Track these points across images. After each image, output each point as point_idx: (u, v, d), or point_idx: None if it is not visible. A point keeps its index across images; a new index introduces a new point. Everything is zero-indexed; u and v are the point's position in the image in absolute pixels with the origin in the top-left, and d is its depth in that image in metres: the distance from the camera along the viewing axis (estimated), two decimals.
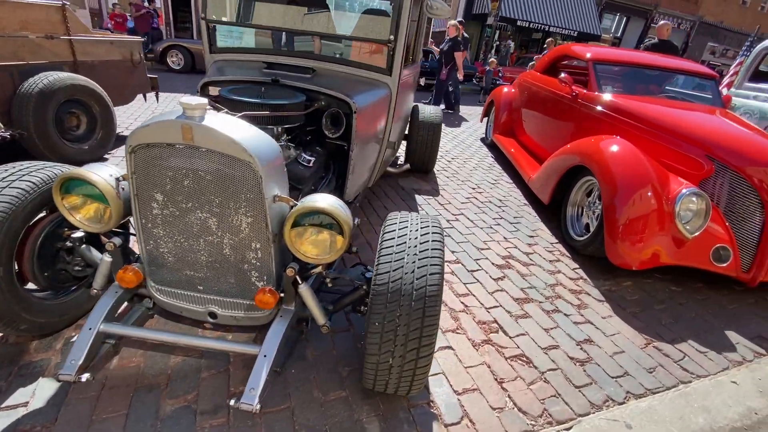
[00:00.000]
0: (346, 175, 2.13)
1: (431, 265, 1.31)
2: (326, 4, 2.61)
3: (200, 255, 1.49)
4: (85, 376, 1.36)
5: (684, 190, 2.36)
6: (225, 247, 1.46)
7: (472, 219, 3.27)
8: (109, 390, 1.49)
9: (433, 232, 1.42)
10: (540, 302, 2.29)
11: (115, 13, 11.09)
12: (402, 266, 1.30)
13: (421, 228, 1.43)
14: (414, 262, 1.31)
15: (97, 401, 1.44)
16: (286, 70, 2.16)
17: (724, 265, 2.39)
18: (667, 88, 3.81)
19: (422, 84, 10.62)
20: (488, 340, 1.95)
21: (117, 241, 1.53)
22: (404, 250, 1.34)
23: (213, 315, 1.56)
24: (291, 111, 1.76)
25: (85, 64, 3.51)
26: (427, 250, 1.35)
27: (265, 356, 1.37)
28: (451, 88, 7.92)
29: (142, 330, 1.47)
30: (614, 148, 2.64)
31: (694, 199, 2.36)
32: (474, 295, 2.28)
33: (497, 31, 18.23)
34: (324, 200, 1.37)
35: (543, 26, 16.65)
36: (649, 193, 2.39)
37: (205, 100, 1.27)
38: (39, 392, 1.44)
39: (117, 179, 1.41)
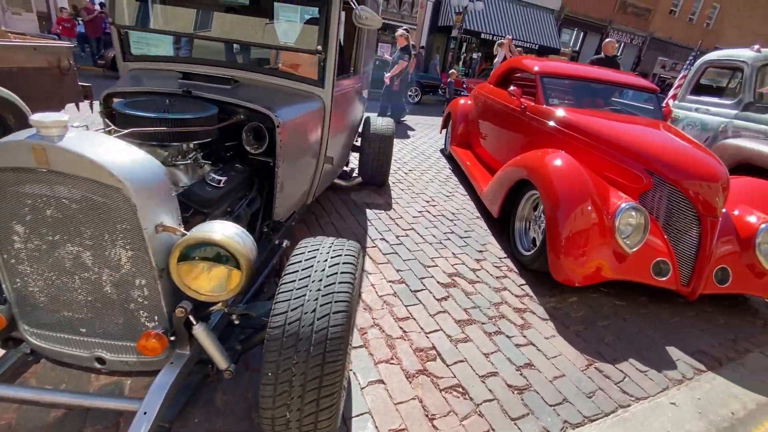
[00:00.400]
0: (273, 193, 1.96)
1: (336, 302, 1.17)
2: (257, 11, 2.46)
3: (77, 294, 1.29)
4: None
5: (623, 205, 2.34)
6: (105, 284, 1.27)
7: (423, 234, 3.17)
8: None
9: (344, 262, 1.28)
10: (483, 323, 2.19)
11: (62, 17, 10.48)
12: (302, 304, 1.15)
13: (331, 258, 1.29)
14: (317, 299, 1.16)
15: None
16: (204, 80, 1.98)
17: (665, 278, 2.39)
18: (612, 101, 3.89)
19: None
20: (424, 370, 1.82)
21: None
22: (307, 285, 1.19)
23: (101, 360, 1.35)
24: (196, 126, 1.59)
25: (1, 72, 3.19)
26: (334, 284, 1.20)
27: (145, 413, 1.17)
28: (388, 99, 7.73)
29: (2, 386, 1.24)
30: (556, 162, 2.62)
31: (633, 213, 2.35)
32: (415, 319, 2.15)
33: (464, 44, 18.63)
34: (220, 229, 1.21)
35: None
36: (590, 208, 2.36)
37: (63, 117, 1.09)
38: None
39: None
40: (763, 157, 3.63)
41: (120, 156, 1.13)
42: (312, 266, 1.25)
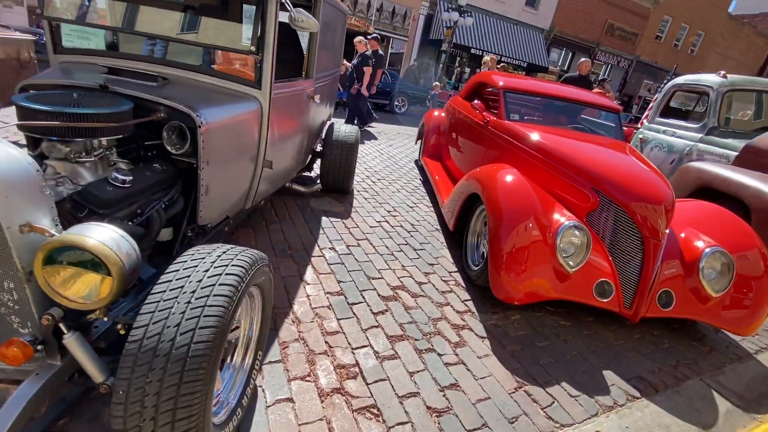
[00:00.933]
0: (197, 196, 1.88)
1: (205, 316, 1.08)
2: (205, 9, 2.40)
3: None
4: None
5: (566, 223, 2.30)
6: None
7: (375, 245, 3.09)
8: None
9: (228, 273, 1.20)
10: (416, 340, 2.11)
11: None
12: (167, 317, 1.06)
13: (215, 268, 1.20)
14: (183, 312, 1.07)
15: None
16: (130, 76, 1.90)
17: (607, 300, 2.34)
18: (575, 119, 3.89)
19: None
20: (340, 389, 1.73)
21: None
22: (176, 297, 1.10)
23: None
24: (101, 121, 1.50)
25: None
26: (207, 297, 1.11)
27: None
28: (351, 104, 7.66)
29: None
30: (504, 177, 2.58)
31: (575, 232, 2.31)
32: (344, 333, 2.07)
33: (457, 58, 18.86)
34: (95, 232, 1.12)
35: (495, 55, 17.41)
36: (531, 224, 2.32)
37: None
38: None
39: None
40: (721, 180, 3.65)
41: None
42: (189, 276, 1.16)
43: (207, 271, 1.19)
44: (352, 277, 2.59)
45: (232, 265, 1.23)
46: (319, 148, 3.81)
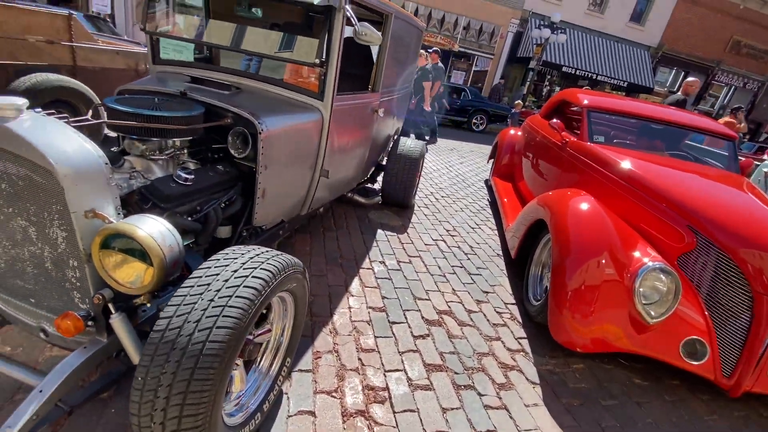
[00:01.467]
0: (253, 199, 1.97)
1: (224, 316, 1.08)
2: (277, 23, 2.57)
3: (27, 265, 1.37)
4: None
5: (649, 264, 1.96)
6: (46, 260, 1.33)
7: (428, 263, 2.97)
8: None
9: (255, 276, 1.20)
10: (456, 373, 1.94)
11: None
12: (189, 312, 1.09)
13: (244, 269, 1.22)
14: (205, 309, 1.09)
15: None
16: (209, 85, 2.08)
17: (699, 363, 1.93)
18: (675, 145, 3.37)
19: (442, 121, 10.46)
20: (364, 412, 1.64)
21: None
22: (202, 293, 1.13)
23: (45, 332, 1.42)
24: (173, 124, 1.65)
25: (86, 70, 3.72)
26: (229, 297, 1.12)
27: (41, 392, 1.18)
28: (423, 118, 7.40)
29: None
30: (577, 204, 2.29)
31: (661, 276, 1.95)
32: (380, 353, 1.98)
33: (547, 76, 17.96)
34: (145, 224, 1.21)
35: (590, 74, 16.18)
36: (605, 261, 2.01)
37: (19, 101, 1.18)
38: None
39: None
40: None
41: (57, 141, 1.18)
42: (218, 274, 1.18)
43: (236, 271, 1.20)
44: (397, 294, 2.50)
45: (261, 269, 1.23)
46: (384, 161, 3.82)
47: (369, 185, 4.20)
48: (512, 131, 5.13)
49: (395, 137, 3.97)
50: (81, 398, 1.35)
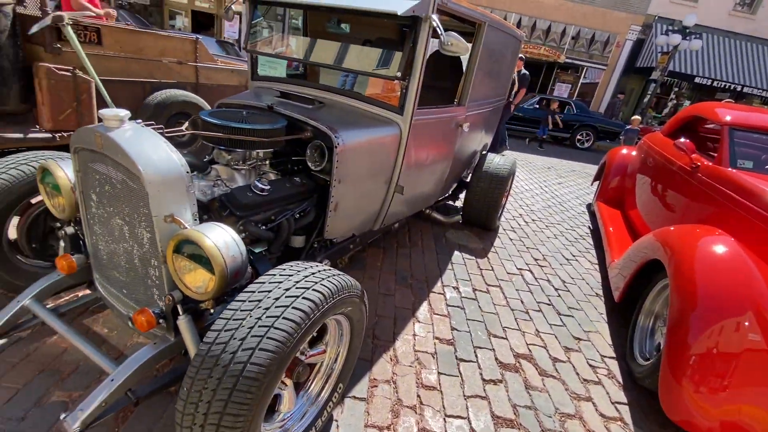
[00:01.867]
0: (326, 211, 1.95)
1: (268, 337, 1.02)
2: (369, 39, 2.56)
3: (121, 259, 1.51)
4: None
5: None
6: (135, 257, 1.45)
7: (509, 296, 2.66)
8: (26, 362, 1.59)
9: (305, 297, 1.13)
10: None
11: None
12: (237, 328, 1.05)
13: (297, 288, 1.15)
14: (252, 327, 1.04)
15: (12, 368, 1.55)
16: (295, 99, 2.14)
17: None
18: None
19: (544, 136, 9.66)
20: None
21: (68, 230, 1.68)
22: (252, 310, 1.09)
23: (131, 320, 1.56)
24: (254, 136, 1.71)
25: (205, 86, 4.24)
26: (277, 318, 1.06)
27: (112, 380, 1.26)
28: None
29: (50, 317, 1.53)
30: (707, 243, 1.81)
31: None
32: (442, 393, 1.78)
33: (673, 89, 15.67)
34: (211, 232, 1.23)
35: (733, 85, 13.58)
36: (749, 323, 1.52)
37: (121, 113, 1.30)
38: None
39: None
40: None
41: (147, 151, 1.27)
42: (270, 291, 1.14)
43: (288, 290, 1.14)
44: (469, 327, 2.26)
45: (313, 290, 1.16)
46: (469, 177, 3.59)
47: (450, 202, 4.00)
48: (624, 150, 4.46)
49: (483, 153, 3.72)
50: (148, 390, 1.43)
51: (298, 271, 1.23)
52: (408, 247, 3.07)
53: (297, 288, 1.15)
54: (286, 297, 1.12)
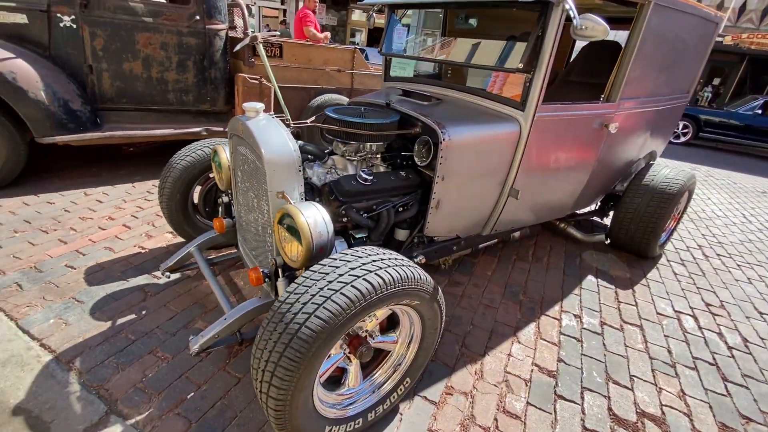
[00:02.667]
0: (427, 208, 1.95)
1: (324, 307, 1.10)
2: (515, 36, 2.36)
3: (251, 226, 1.85)
4: (168, 274, 2.04)
5: None
6: (259, 225, 1.75)
7: (650, 340, 2.11)
8: (187, 294, 2.10)
9: (366, 279, 1.16)
10: None
11: None
12: (304, 292, 1.16)
13: (362, 267, 1.19)
14: (314, 294, 1.14)
15: (177, 297, 2.07)
16: (415, 97, 2.19)
17: None
18: None
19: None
20: None
21: (225, 199, 2.13)
22: (323, 278, 1.18)
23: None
24: (363, 130, 1.82)
25: (358, 91, 4.73)
26: (335, 291, 1.12)
27: (225, 319, 1.57)
28: None
29: (203, 264, 1.98)
30: None
31: None
32: (525, 424, 1.55)
33: None
34: (306, 209, 1.40)
35: None
36: None
37: (258, 105, 1.60)
38: (147, 280, 2.22)
39: None
40: None
41: (271, 138, 1.52)
42: (338, 267, 1.20)
43: (353, 269, 1.19)
44: (582, 363, 1.90)
45: (375, 274, 1.18)
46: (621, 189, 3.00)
47: (596, 218, 3.42)
48: None
49: (647, 161, 3.05)
50: (252, 335, 1.70)
51: (369, 255, 1.27)
52: (528, 262, 2.77)
53: (362, 269, 1.19)
54: (349, 275, 1.17)
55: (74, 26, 3.03)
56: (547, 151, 2.07)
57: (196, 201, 2.39)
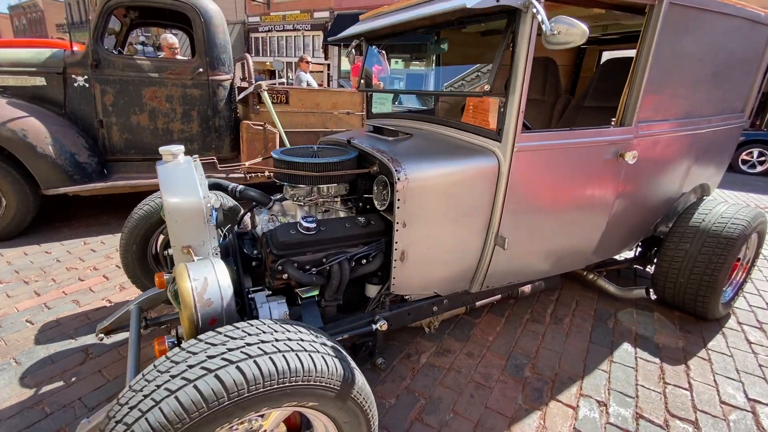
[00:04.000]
0: (390, 261, 1.61)
1: (160, 407, 0.80)
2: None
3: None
4: (101, 336, 1.82)
5: None
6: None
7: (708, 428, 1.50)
8: (125, 358, 1.88)
9: (237, 362, 0.86)
10: None
11: None
12: (140, 389, 0.86)
13: (245, 345, 0.89)
14: (147, 395, 0.84)
15: (114, 363, 1.85)
16: (384, 133, 1.93)
17: None
18: None
19: None
20: None
21: (169, 251, 1.94)
22: (173, 366, 0.88)
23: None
24: (305, 170, 1.57)
25: None
26: (184, 385, 0.82)
27: None
28: None
29: (133, 327, 1.74)
30: None
31: None
32: None
33: None
34: (199, 272, 1.15)
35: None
36: None
37: (175, 148, 1.43)
38: None
39: None
40: None
41: (176, 183, 1.32)
42: (207, 349, 0.90)
43: (222, 354, 0.88)
44: None
45: (236, 366, 0.86)
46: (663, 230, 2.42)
47: (638, 266, 2.81)
48: None
49: (698, 197, 2.48)
50: None
51: (249, 334, 0.96)
52: (544, 324, 2.25)
53: (222, 358, 0.88)
54: (200, 367, 0.86)
55: (87, 85, 3.23)
56: (540, 189, 1.67)
57: (156, 251, 2.24)
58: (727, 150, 2.50)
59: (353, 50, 2.41)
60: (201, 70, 3.45)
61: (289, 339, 0.97)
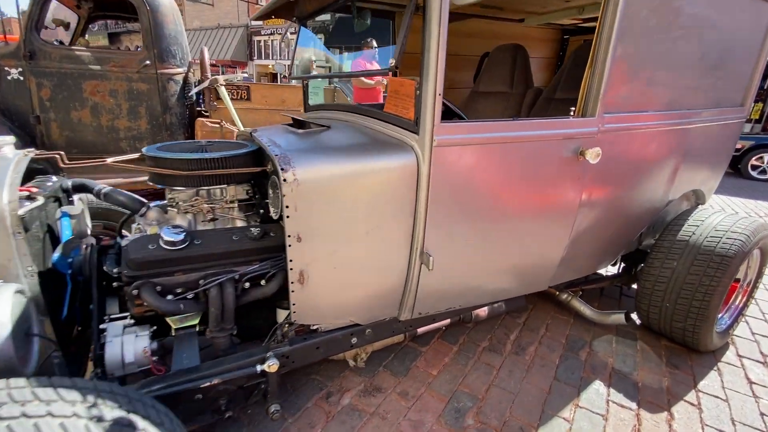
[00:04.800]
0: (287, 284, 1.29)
1: None
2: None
3: None
4: None
5: None
6: None
7: None
8: None
9: None
10: None
11: None
12: None
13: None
14: None
15: None
16: (304, 126, 1.62)
17: None
18: None
19: None
20: None
21: None
22: None
23: None
24: (177, 168, 1.26)
25: None
26: None
27: None
28: None
29: None
30: None
31: None
32: None
33: None
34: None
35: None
36: None
37: (8, 138, 1.14)
38: None
39: None
40: None
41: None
42: None
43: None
44: None
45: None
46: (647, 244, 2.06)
47: (620, 284, 2.45)
48: None
49: (690, 205, 2.13)
50: None
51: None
52: (502, 354, 1.90)
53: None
54: None
55: (21, 78, 2.97)
56: (475, 195, 1.33)
57: None
58: (724, 150, 2.14)
59: (288, 34, 2.11)
60: (148, 62, 3.18)
61: (25, 415, 0.65)
